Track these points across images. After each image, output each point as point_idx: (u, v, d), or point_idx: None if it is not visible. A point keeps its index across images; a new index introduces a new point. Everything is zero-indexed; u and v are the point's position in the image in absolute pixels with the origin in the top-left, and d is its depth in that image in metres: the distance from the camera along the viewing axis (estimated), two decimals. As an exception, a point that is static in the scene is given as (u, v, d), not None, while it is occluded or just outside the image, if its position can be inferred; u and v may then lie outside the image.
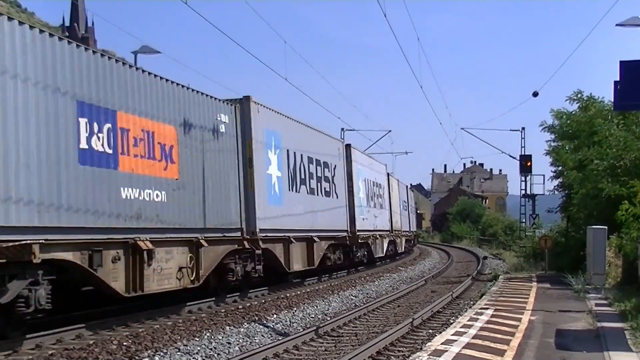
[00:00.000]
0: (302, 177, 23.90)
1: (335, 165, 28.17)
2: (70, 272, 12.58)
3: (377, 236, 35.84)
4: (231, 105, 18.81)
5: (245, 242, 18.74)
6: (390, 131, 54.93)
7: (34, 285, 11.38)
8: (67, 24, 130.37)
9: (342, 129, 51.44)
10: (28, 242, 11.02)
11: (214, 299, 17.76)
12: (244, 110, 19.31)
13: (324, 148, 26.73)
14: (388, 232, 40.00)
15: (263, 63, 22.54)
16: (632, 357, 9.91)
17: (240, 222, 18.61)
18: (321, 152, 26.15)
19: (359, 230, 30.46)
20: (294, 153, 23.09)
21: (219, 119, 17.75)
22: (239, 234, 18.56)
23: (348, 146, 31.07)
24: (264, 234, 19.76)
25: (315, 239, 24.42)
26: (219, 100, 18.15)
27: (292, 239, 22.26)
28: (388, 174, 42.97)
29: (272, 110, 21.42)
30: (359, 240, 30.88)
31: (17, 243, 10.87)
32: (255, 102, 19.81)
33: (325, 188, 26.43)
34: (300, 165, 23.74)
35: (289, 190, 22.46)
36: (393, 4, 22.61)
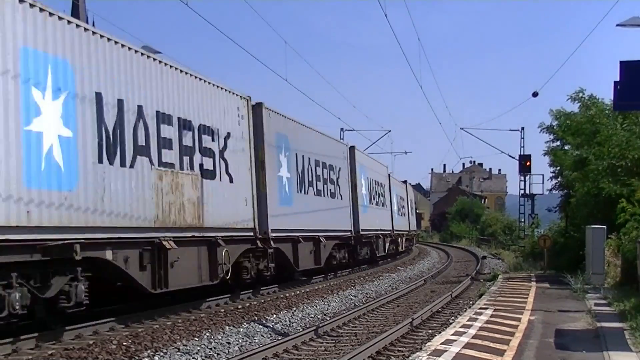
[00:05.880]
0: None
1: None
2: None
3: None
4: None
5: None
6: (389, 131, 55.18)
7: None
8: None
9: (342, 129, 51.60)
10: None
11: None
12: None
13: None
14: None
15: (263, 64, 22.63)
16: (632, 357, 9.91)
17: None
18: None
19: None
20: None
21: None
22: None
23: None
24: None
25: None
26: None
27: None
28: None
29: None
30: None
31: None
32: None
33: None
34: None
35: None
36: (393, 4, 22.72)
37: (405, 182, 52.43)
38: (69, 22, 12.17)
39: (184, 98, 15.78)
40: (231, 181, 17.77)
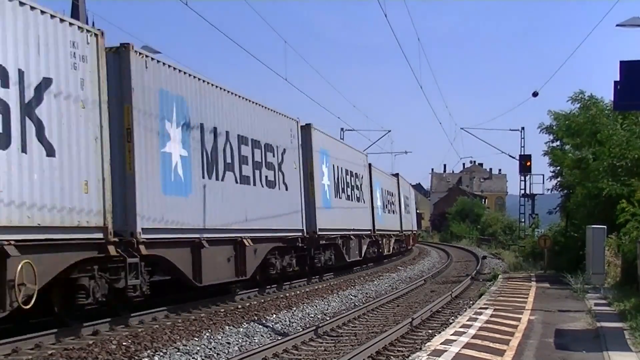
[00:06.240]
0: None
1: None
2: None
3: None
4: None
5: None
6: (390, 131, 55.03)
7: None
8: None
9: (342, 129, 51.54)
10: None
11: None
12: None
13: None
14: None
15: (263, 63, 22.46)
16: (632, 357, 9.91)
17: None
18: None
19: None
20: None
21: None
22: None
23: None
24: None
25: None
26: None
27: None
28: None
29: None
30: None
31: None
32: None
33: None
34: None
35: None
36: (393, 4, 22.72)
37: (396, 175, 46.35)
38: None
39: None
40: (51, 154, 11.43)
